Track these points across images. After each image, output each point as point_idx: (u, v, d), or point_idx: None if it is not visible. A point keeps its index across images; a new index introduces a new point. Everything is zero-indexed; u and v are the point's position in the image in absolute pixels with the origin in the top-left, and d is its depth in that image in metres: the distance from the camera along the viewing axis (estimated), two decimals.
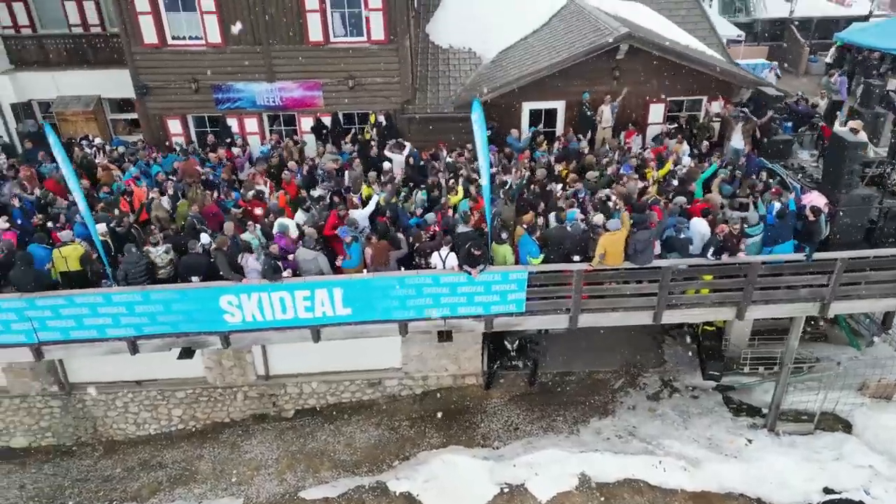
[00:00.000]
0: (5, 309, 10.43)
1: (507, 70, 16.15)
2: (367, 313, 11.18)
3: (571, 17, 17.62)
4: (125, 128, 18.12)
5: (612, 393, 14.79)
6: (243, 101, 15.71)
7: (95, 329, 10.84)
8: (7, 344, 10.87)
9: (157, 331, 11.00)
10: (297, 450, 14.02)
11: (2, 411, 14.34)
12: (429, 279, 10.89)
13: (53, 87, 17.04)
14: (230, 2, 14.49)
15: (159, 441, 14.73)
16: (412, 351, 14.56)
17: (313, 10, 14.61)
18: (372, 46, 15.17)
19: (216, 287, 10.66)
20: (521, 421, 14.14)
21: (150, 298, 10.60)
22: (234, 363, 14.33)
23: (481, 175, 10.89)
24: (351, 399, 15.06)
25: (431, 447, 13.75)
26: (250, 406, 14.92)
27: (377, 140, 15.53)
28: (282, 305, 10.91)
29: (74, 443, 14.76)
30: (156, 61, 15.11)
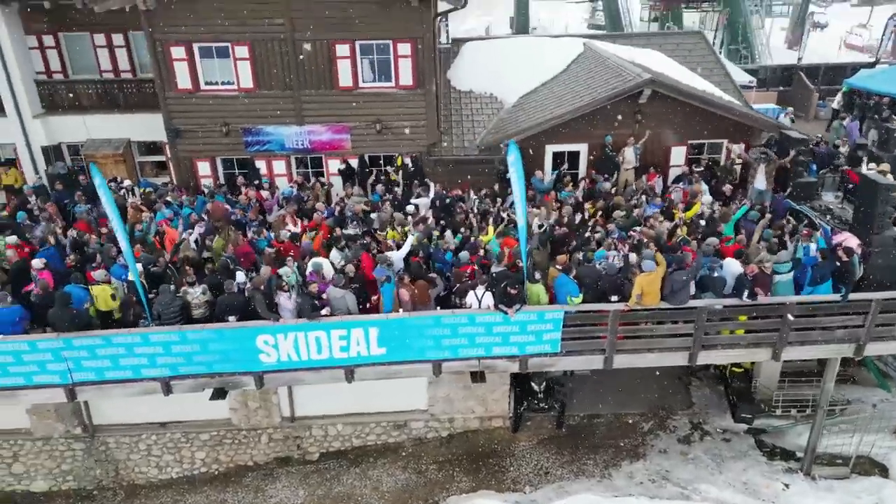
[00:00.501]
0: (42, 349, 10.41)
1: (530, 114, 16.47)
2: (402, 353, 11.15)
3: (591, 63, 18.06)
4: (152, 170, 18.39)
5: (641, 436, 14.58)
6: (272, 143, 16.00)
7: (131, 369, 10.81)
8: (41, 385, 10.80)
9: (193, 371, 10.95)
10: (324, 494, 13.77)
11: (24, 454, 14.14)
12: (464, 318, 10.90)
13: (83, 130, 17.38)
14: (264, 49, 14.85)
15: (181, 485, 14.49)
16: (439, 392, 14.43)
17: (344, 57, 15.00)
18: (400, 92, 15.53)
19: (253, 327, 10.67)
20: (551, 465, 13.91)
21: (188, 338, 10.60)
22: (259, 404, 14.20)
23: (517, 215, 10.98)
24: (376, 441, 14.85)
25: (460, 491, 13.50)
26: (274, 449, 14.71)
27: (403, 182, 15.76)
28: (317, 345, 10.90)
29: (95, 487, 14.52)
30: (188, 105, 15.46)
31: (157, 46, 14.76)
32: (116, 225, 10.18)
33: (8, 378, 10.63)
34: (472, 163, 16.04)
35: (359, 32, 14.82)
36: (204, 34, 14.73)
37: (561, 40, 21.66)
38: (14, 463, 14.17)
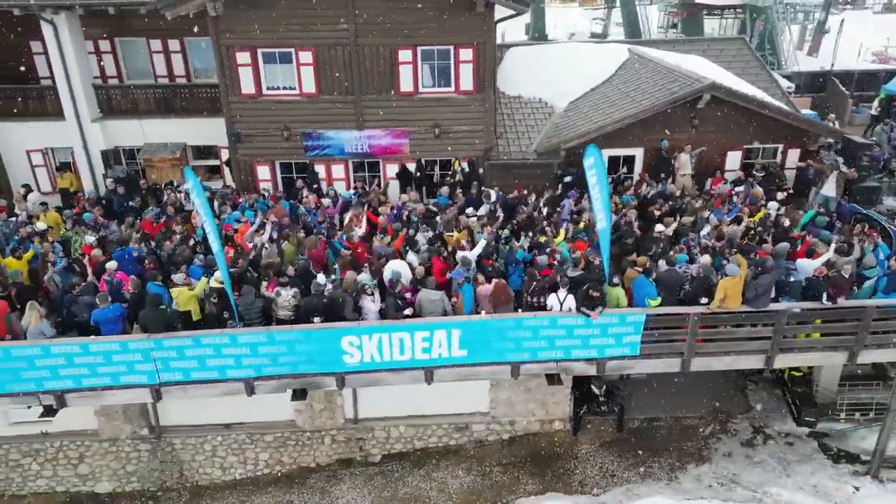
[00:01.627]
0: (133, 350, 10.52)
1: (587, 118, 16.59)
2: (482, 355, 11.23)
3: (642, 68, 18.18)
4: (205, 174, 18.54)
5: (703, 439, 14.61)
6: (331, 148, 16.13)
7: (217, 370, 10.91)
8: (128, 385, 10.92)
9: (277, 372, 11.04)
10: (390, 496, 13.84)
11: (90, 455, 14.25)
12: (546, 321, 10.98)
13: (140, 135, 17.54)
14: (327, 55, 15.01)
15: (245, 486, 14.58)
16: (501, 395, 14.51)
17: (406, 63, 15.15)
18: (459, 97, 15.67)
19: (340, 328, 10.76)
20: (616, 467, 13.96)
21: (275, 339, 10.70)
22: (324, 406, 14.30)
23: (599, 218, 11.07)
24: (438, 444, 14.92)
25: (528, 494, 13.56)
26: (337, 450, 14.80)
27: (460, 186, 15.89)
28: (400, 346, 10.98)
29: (159, 488, 14.62)
30: (250, 110, 15.61)
31: (222, 52, 14.89)
32: (210, 226, 10.30)
33: (96, 378, 10.74)
34: (527, 167, 16.15)
35: (422, 38, 14.96)
36: (269, 40, 14.88)
37: (604, 46, 21.89)
38: (80, 464, 14.29)
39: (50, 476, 14.29)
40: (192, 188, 10.40)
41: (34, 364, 10.43)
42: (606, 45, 21.95)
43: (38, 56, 17.94)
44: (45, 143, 17.68)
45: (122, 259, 12.12)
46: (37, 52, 17.86)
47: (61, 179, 17.80)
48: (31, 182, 17.98)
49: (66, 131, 17.12)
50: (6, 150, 17.53)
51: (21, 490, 14.36)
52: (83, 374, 10.64)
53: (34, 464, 14.15)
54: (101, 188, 17.63)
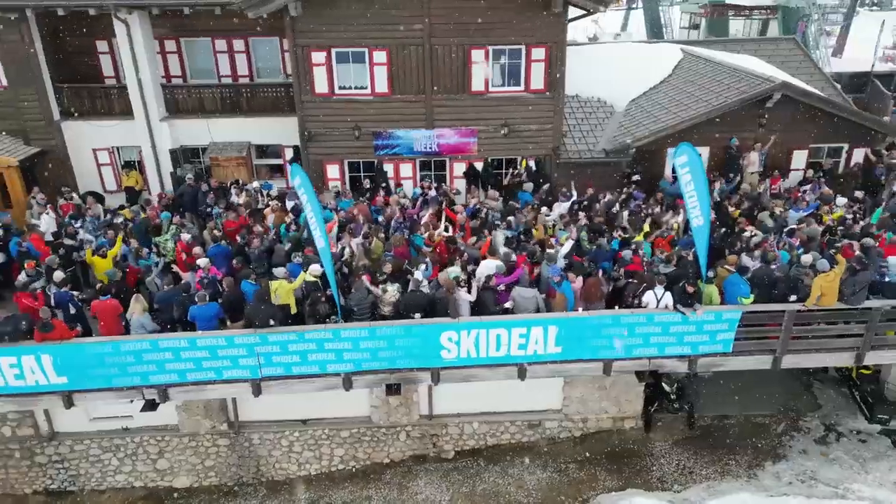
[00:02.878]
0: (238, 344, 10.68)
1: (653, 117, 16.70)
2: (577, 352, 11.35)
3: (703, 68, 18.29)
4: (267, 173, 18.71)
5: (776, 437, 14.67)
6: (401, 147, 16.28)
7: (317, 364, 11.06)
8: (231, 379, 11.07)
9: (377, 366, 11.18)
10: (469, 491, 13.95)
11: (169, 450, 14.40)
12: (643, 318, 11.08)
13: (206, 134, 17.71)
14: (401, 55, 15.15)
15: (321, 481, 14.71)
16: (574, 393, 14.60)
17: (479, 62, 15.26)
18: (530, 95, 15.79)
19: (440, 323, 10.89)
20: (693, 464, 14.03)
21: (376, 334, 10.84)
22: (400, 402, 14.40)
23: (695, 216, 11.14)
24: (510, 440, 15.02)
25: (607, 490, 13.64)
26: (411, 446, 14.91)
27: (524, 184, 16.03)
28: (497, 342, 11.12)
29: (236, 483, 14.76)
30: (323, 109, 15.77)
31: (298, 51, 15.04)
32: (316, 222, 10.42)
33: (200, 373, 10.91)
34: (596, 165, 16.24)
35: (495, 38, 15.09)
36: (344, 40, 15.03)
37: (656, 46, 22.03)
38: (159, 459, 14.44)
39: (129, 471, 14.44)
40: (299, 184, 10.52)
41: (142, 358, 10.61)
42: (659, 45, 22.09)
43: (103, 56, 18.11)
44: (112, 143, 17.86)
45: (216, 255, 12.29)
46: (102, 51, 18.05)
47: (127, 178, 17.96)
48: (96, 180, 18.22)
49: (135, 130, 17.30)
50: (73, 149, 17.70)
51: (100, 485, 14.51)
52: (188, 368, 10.82)
53: (114, 459, 14.30)
54: (166, 186, 17.82)
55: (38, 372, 10.42)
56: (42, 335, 10.12)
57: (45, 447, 13.95)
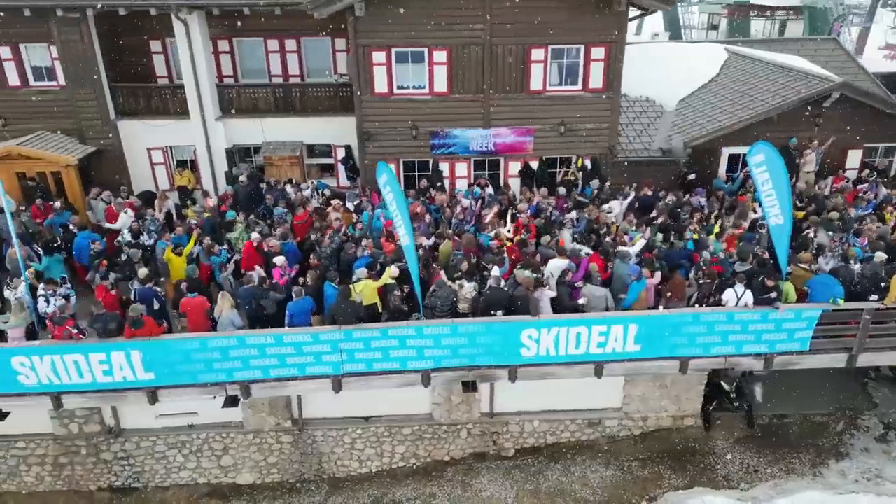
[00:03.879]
0: (323, 341, 10.76)
1: (707, 116, 16.75)
2: (655, 350, 11.39)
3: (754, 69, 18.34)
4: (318, 173, 18.81)
5: (836, 435, 14.68)
6: (457, 146, 16.36)
7: (398, 361, 11.13)
8: (313, 375, 11.16)
9: (457, 364, 11.25)
10: (533, 489, 14.00)
11: (234, 447, 14.49)
12: (723, 315, 11.12)
13: (259, 133, 17.82)
14: (461, 54, 15.23)
15: (382, 479, 14.78)
16: (635, 391, 14.64)
17: (538, 61, 15.35)
18: (587, 94, 15.85)
19: (522, 321, 10.96)
20: (757, 463, 14.06)
21: (458, 331, 10.91)
22: (462, 399, 14.46)
23: (773, 214, 11.17)
24: (570, 439, 15.06)
25: (672, 488, 13.68)
26: (471, 444, 14.97)
27: (581, 184, 16.09)
28: (577, 340, 11.17)
29: (298, 480, 14.85)
30: (381, 109, 15.86)
31: (359, 51, 15.13)
32: (402, 219, 10.49)
33: (284, 369, 11.00)
34: (653, 164, 16.29)
35: (555, 37, 15.16)
36: (405, 40, 15.12)
37: (700, 45, 22.05)
38: (224, 456, 14.53)
39: (193, 468, 14.54)
40: (385, 182, 10.60)
41: (228, 355, 10.69)
42: (702, 45, 22.14)
43: (156, 56, 18.26)
44: (166, 142, 17.98)
45: (288, 253, 12.40)
46: (155, 51, 18.19)
47: (180, 177, 18.09)
48: (149, 180, 18.34)
49: (190, 130, 17.40)
50: (128, 148, 17.83)
51: (164, 482, 14.62)
52: (273, 364, 10.91)
53: (179, 455, 14.40)
54: (220, 186, 17.94)
55: (126, 368, 10.53)
56: (132, 331, 10.22)
57: (112, 444, 14.05)
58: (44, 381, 10.54)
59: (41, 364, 10.32)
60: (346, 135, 17.74)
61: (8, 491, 14.29)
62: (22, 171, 16.51)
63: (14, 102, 17.11)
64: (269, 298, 11.13)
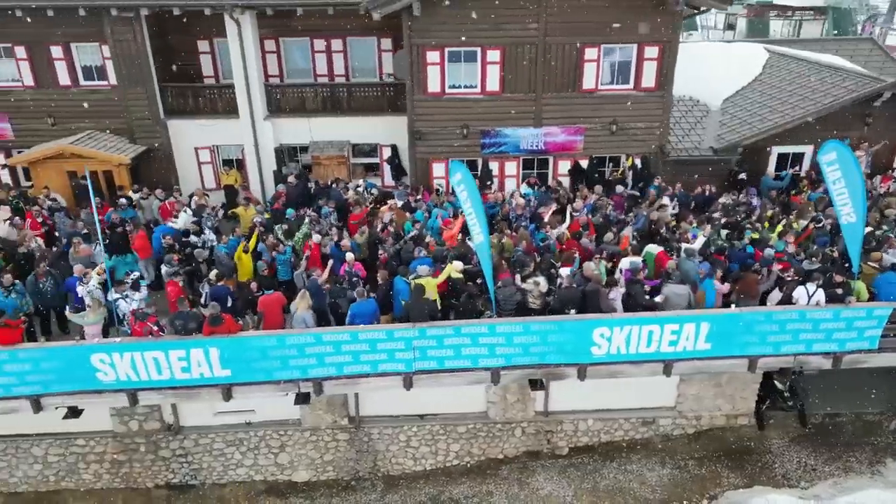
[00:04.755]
0: (397, 338, 10.81)
1: (756, 115, 16.79)
2: (726, 348, 11.40)
3: (799, 68, 18.35)
4: (362, 172, 18.86)
5: (891, 434, 14.68)
6: (507, 145, 16.42)
7: (469, 359, 11.17)
8: (385, 373, 11.21)
9: (527, 362, 11.28)
10: (591, 487, 14.03)
11: (290, 445, 14.55)
12: (794, 314, 11.13)
13: (306, 133, 17.90)
14: (514, 53, 15.28)
15: (437, 476, 14.81)
16: (689, 390, 14.65)
17: (591, 60, 15.38)
18: (639, 94, 15.89)
19: (593, 319, 10.98)
20: (814, 461, 14.06)
21: (531, 329, 10.94)
22: (518, 398, 14.50)
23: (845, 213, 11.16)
24: (623, 437, 15.08)
25: (731, 486, 13.69)
26: (525, 442, 15.00)
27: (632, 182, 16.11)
28: (648, 339, 11.17)
29: (352, 477, 14.89)
30: (433, 108, 15.92)
31: (413, 51, 15.19)
32: (477, 217, 10.52)
33: (358, 366, 11.04)
34: (702, 163, 16.32)
35: (609, 36, 15.20)
36: (459, 39, 15.18)
37: (737, 45, 22.08)
38: (280, 453, 14.59)
39: (250, 465, 14.60)
40: (459, 180, 10.64)
41: (304, 352, 10.74)
42: (740, 45, 22.15)
43: (203, 55, 18.35)
44: (215, 141, 18.08)
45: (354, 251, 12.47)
46: (203, 51, 18.28)
47: (226, 176, 18.19)
48: (196, 179, 18.42)
49: (238, 129, 17.48)
50: (176, 147, 17.91)
51: (221, 479, 14.68)
52: (346, 361, 10.95)
53: (237, 453, 14.46)
54: (267, 185, 18.01)
55: (203, 365, 10.59)
56: (211, 328, 10.28)
57: (171, 441, 14.13)
58: (122, 378, 10.59)
59: (121, 361, 10.38)
60: (393, 134, 17.84)
61: (66, 488, 14.38)
62: (73, 169, 16.60)
63: (64, 102, 17.21)
64: (345, 297, 11.17)
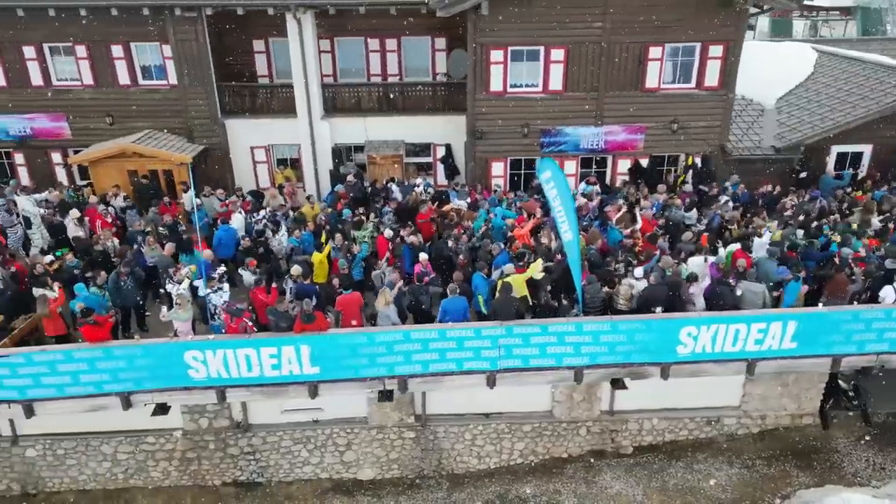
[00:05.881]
0: (484, 336, 10.83)
1: (816, 115, 16.77)
2: (811, 347, 11.37)
3: (854, 68, 18.36)
4: (414, 171, 18.89)
5: None
6: (567, 144, 16.44)
7: (554, 358, 11.18)
8: (469, 371, 11.23)
9: (612, 361, 11.29)
10: (660, 486, 14.00)
11: (357, 443, 14.56)
12: (881, 313, 11.10)
13: (362, 132, 17.94)
14: (578, 52, 15.29)
15: (502, 475, 14.81)
16: (755, 390, 14.60)
17: (654, 59, 15.38)
18: (701, 93, 15.87)
19: (681, 318, 10.98)
20: (883, 460, 14.01)
21: (618, 328, 10.94)
22: (583, 397, 14.49)
23: None
24: (687, 437, 15.05)
25: (801, 486, 13.66)
26: (590, 441, 14.98)
27: (694, 181, 16.10)
28: (734, 337, 11.16)
29: (417, 476, 14.90)
30: (495, 107, 15.94)
31: (478, 50, 15.22)
32: (567, 217, 10.54)
33: (444, 364, 11.07)
34: (762, 161, 16.30)
35: (674, 35, 15.19)
36: (523, 38, 15.20)
37: (785, 45, 22.03)
38: (347, 451, 14.62)
39: (317, 463, 14.63)
40: (549, 178, 10.66)
41: (392, 349, 10.77)
42: (787, 44, 22.10)
43: (258, 55, 18.42)
44: (271, 140, 18.13)
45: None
46: (258, 51, 18.35)
47: (280, 175, 18.21)
48: (251, 178, 18.49)
49: (293, 128, 17.52)
50: (233, 146, 17.97)
51: (287, 477, 14.71)
52: (433, 359, 10.98)
53: (304, 451, 14.49)
54: (322, 184, 18.06)
55: (294, 362, 10.63)
56: (303, 326, 10.32)
57: (239, 438, 14.17)
58: (213, 375, 10.65)
59: (213, 358, 10.43)
60: (447, 133, 17.87)
61: (135, 486, 14.44)
62: (134, 168, 16.69)
63: (123, 101, 17.28)
64: (426, 294, 11.21)
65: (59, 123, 17.50)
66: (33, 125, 17.49)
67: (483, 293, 11.59)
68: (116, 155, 16.44)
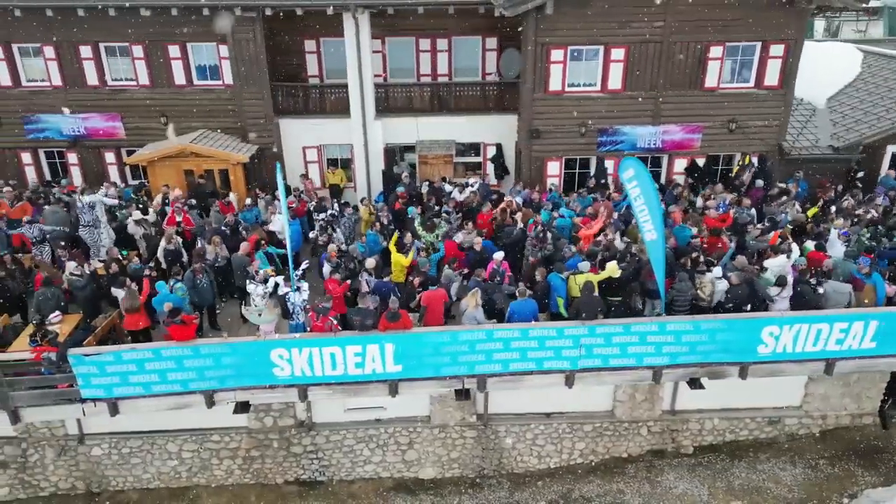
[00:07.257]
0: (567, 335, 10.83)
1: (872, 114, 16.72)
2: (892, 346, 11.34)
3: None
4: (464, 172, 18.90)
5: None
6: (624, 143, 16.42)
7: (635, 357, 11.18)
8: (549, 370, 11.23)
9: (692, 360, 11.28)
10: (725, 486, 13.99)
11: (419, 441, 14.59)
12: None
13: (413, 132, 17.96)
14: (638, 52, 15.29)
15: (562, 475, 14.81)
16: (817, 390, 14.58)
17: (714, 59, 15.36)
18: (760, 92, 15.84)
19: (764, 317, 10.97)
20: None
21: (700, 328, 10.93)
22: (645, 397, 14.49)
23: None
24: (748, 437, 15.04)
25: (869, 485, 13.63)
26: (650, 441, 14.98)
27: (749, 182, 16.06)
28: (816, 337, 11.14)
29: (477, 475, 14.92)
30: (553, 106, 15.94)
31: (538, 49, 15.22)
32: (651, 216, 10.52)
33: (524, 363, 11.08)
34: (819, 161, 16.27)
35: (734, 34, 15.17)
36: (584, 38, 15.21)
37: (828, 44, 22.02)
38: (408, 450, 14.65)
39: (378, 462, 14.66)
40: (631, 176, 10.66)
41: (475, 348, 10.79)
42: (830, 44, 22.09)
43: (309, 55, 18.45)
44: (324, 140, 18.17)
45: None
46: (309, 51, 18.39)
47: (332, 175, 18.27)
48: None
49: (349, 128, 17.54)
50: (285, 146, 18.01)
51: (349, 475, 14.75)
52: (514, 358, 10.99)
53: (366, 449, 14.53)
54: (374, 185, 18.08)
55: (377, 360, 10.66)
56: (388, 324, 10.35)
57: (303, 437, 14.22)
58: (297, 374, 10.68)
59: (299, 357, 10.46)
60: (498, 133, 17.88)
61: (198, 484, 14.50)
62: (190, 168, 16.75)
63: (177, 101, 17.34)
64: (500, 292, 11.22)
65: (114, 123, 17.57)
66: (87, 125, 17.57)
67: (562, 294, 11.59)
68: (174, 155, 16.49)
